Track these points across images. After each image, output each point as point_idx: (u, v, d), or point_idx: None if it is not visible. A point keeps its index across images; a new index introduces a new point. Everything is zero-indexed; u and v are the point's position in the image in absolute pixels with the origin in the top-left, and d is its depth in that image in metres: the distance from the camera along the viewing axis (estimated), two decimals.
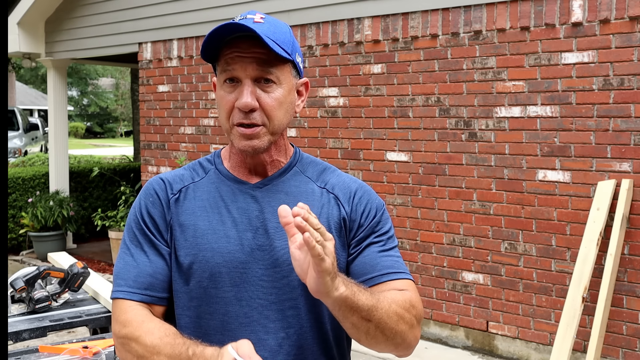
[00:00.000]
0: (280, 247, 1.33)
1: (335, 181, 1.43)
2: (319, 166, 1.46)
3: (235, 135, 1.33)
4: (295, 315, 1.33)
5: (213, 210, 1.36)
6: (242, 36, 1.30)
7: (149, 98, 6.84)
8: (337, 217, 1.39)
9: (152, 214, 1.37)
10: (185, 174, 1.43)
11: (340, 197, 1.41)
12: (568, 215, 4.20)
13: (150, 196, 1.39)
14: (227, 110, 1.33)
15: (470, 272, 4.64)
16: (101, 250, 7.95)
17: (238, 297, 1.31)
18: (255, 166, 1.39)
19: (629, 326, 4.00)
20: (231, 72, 1.31)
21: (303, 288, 1.31)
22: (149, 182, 1.43)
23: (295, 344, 1.32)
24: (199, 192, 1.38)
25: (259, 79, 1.31)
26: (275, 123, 1.33)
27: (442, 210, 4.78)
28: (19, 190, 7.96)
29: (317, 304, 1.34)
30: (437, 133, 4.77)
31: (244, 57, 1.29)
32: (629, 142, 3.97)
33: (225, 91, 1.33)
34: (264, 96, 1.31)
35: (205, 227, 1.34)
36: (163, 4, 6.52)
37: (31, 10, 7.54)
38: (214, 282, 1.31)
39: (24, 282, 2.85)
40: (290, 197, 1.38)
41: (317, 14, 5.37)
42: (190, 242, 1.33)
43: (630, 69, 3.94)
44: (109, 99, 36.90)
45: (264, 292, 1.31)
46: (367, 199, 1.42)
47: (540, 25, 4.27)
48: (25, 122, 19.77)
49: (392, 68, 4.98)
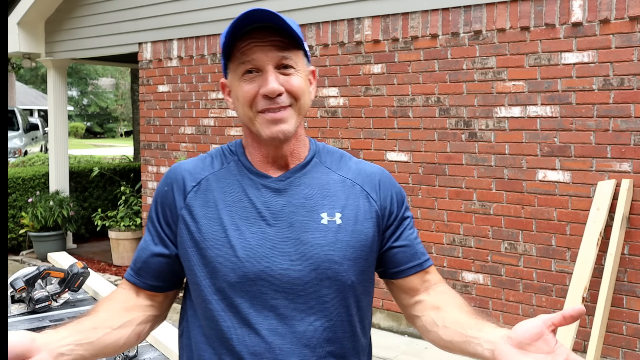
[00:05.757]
0: (306, 240, 1.32)
1: (356, 169, 1.44)
2: (335, 155, 1.46)
3: (262, 123, 1.32)
4: (322, 308, 1.32)
5: (236, 204, 1.35)
6: (256, 27, 1.31)
7: (149, 98, 6.84)
8: (367, 208, 1.38)
9: (164, 205, 1.39)
10: (207, 162, 1.42)
11: (366, 187, 1.41)
12: (568, 215, 4.20)
13: (166, 185, 1.41)
14: (249, 99, 1.32)
15: (470, 272, 4.64)
16: (101, 250, 7.95)
17: (263, 291, 1.30)
18: (277, 159, 1.38)
19: (629, 326, 4.00)
20: (251, 62, 1.31)
21: (330, 280, 1.31)
22: (169, 171, 1.44)
23: (322, 336, 1.32)
24: (221, 184, 1.38)
25: (279, 65, 1.32)
26: (302, 103, 1.34)
27: (442, 210, 4.78)
28: (19, 190, 7.96)
29: (345, 296, 1.34)
30: (437, 133, 4.77)
31: (262, 46, 1.31)
32: (629, 142, 3.97)
33: (245, 82, 1.32)
34: (287, 79, 1.32)
35: (229, 221, 1.33)
36: (163, 4, 6.52)
37: (31, 10, 7.55)
38: (238, 277, 1.31)
39: (24, 282, 2.85)
40: (314, 189, 1.37)
41: (317, 14, 5.37)
42: (214, 236, 1.33)
43: (630, 69, 3.94)
44: (109, 99, 36.91)
45: (289, 285, 1.31)
46: (392, 187, 1.44)
47: (540, 25, 4.27)
48: (25, 122, 19.77)
49: (392, 68, 4.98)
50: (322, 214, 1.34)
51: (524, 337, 1.10)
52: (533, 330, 1.09)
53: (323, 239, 1.32)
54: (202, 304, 1.35)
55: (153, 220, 1.41)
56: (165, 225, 1.38)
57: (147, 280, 1.41)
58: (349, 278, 1.34)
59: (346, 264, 1.33)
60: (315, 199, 1.36)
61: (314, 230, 1.33)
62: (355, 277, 1.35)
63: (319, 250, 1.31)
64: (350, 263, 1.33)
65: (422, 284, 1.43)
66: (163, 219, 1.39)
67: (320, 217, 1.34)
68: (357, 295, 1.37)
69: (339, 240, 1.33)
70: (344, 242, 1.33)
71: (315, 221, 1.33)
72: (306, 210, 1.34)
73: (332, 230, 1.33)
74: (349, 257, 1.33)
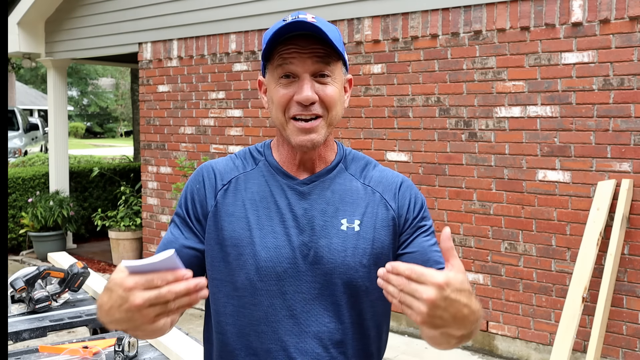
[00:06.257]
0: (325, 245, 1.36)
1: (378, 177, 1.46)
2: (360, 162, 1.49)
3: (293, 130, 1.35)
4: (336, 311, 1.36)
5: (262, 204, 1.39)
6: (298, 35, 1.34)
7: (149, 98, 6.84)
8: (384, 216, 1.41)
9: (195, 201, 1.42)
10: (237, 163, 1.46)
11: (385, 196, 1.43)
12: (568, 215, 4.20)
13: (197, 182, 1.44)
14: (283, 104, 1.35)
15: (470, 272, 4.64)
16: (101, 250, 7.95)
17: (282, 291, 1.34)
18: (304, 162, 1.41)
19: (629, 326, 4.00)
20: (289, 67, 1.34)
21: (345, 286, 1.36)
22: (200, 168, 1.47)
23: (335, 338, 1.36)
24: (249, 184, 1.42)
25: (316, 74, 1.35)
26: (333, 114, 1.37)
27: (442, 210, 4.78)
28: (19, 190, 7.96)
29: (359, 301, 1.38)
30: (437, 133, 4.77)
31: (302, 54, 1.34)
32: (629, 142, 3.97)
33: (281, 86, 1.35)
34: (322, 88, 1.35)
35: (254, 220, 1.37)
36: (163, 4, 6.52)
37: (31, 10, 7.55)
38: (260, 275, 1.34)
39: (24, 282, 2.85)
40: (337, 195, 1.41)
41: (317, 14, 5.33)
42: (239, 234, 1.36)
43: (630, 69, 3.94)
44: (109, 99, 36.91)
45: (307, 287, 1.35)
46: (411, 194, 1.46)
47: (540, 25, 4.27)
48: (25, 122, 19.77)
49: (392, 68, 4.98)
50: (342, 220, 1.38)
51: None
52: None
53: (341, 244, 1.36)
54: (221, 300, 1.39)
55: (183, 215, 1.43)
56: (195, 221, 1.41)
57: None
58: (364, 284, 1.37)
59: (361, 270, 1.36)
60: (336, 204, 1.40)
61: (332, 236, 1.37)
62: (370, 283, 1.37)
63: (336, 256, 1.35)
64: (365, 270, 1.37)
65: None
66: (193, 214, 1.41)
67: (340, 223, 1.38)
68: (372, 301, 1.40)
69: (356, 247, 1.37)
70: (360, 249, 1.37)
71: (335, 227, 1.37)
72: (327, 215, 1.38)
73: (350, 236, 1.37)
74: (364, 263, 1.37)
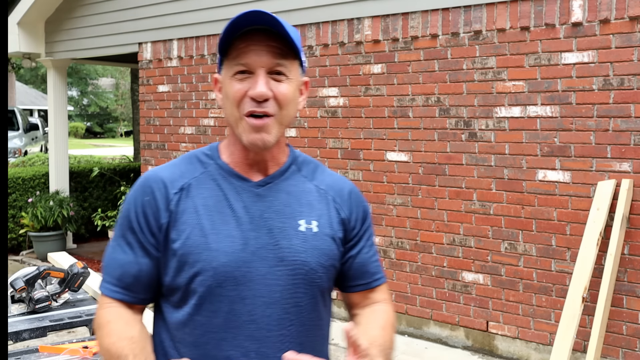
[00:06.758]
0: (285, 246, 1.34)
1: (329, 181, 1.46)
2: (311, 165, 1.48)
3: (245, 128, 1.32)
4: (297, 313, 1.34)
5: (216, 209, 1.35)
6: (255, 29, 1.31)
7: (149, 98, 6.84)
8: (337, 219, 1.42)
9: (147, 215, 1.35)
10: (184, 169, 1.40)
11: (337, 200, 1.44)
12: (568, 215, 4.20)
13: (146, 195, 1.37)
14: (237, 99, 1.32)
15: (470, 272, 4.64)
16: (101, 251, 7.93)
17: (242, 296, 1.31)
18: (257, 163, 1.39)
19: (629, 326, 4.00)
20: (244, 63, 1.31)
21: (305, 286, 1.35)
22: (146, 179, 1.39)
23: (296, 340, 1.34)
24: (201, 190, 1.37)
25: (271, 70, 1.32)
26: (285, 114, 1.34)
27: (442, 210, 4.78)
28: (19, 190, 7.96)
29: (317, 302, 1.38)
30: (437, 133, 4.77)
31: (258, 49, 1.30)
32: (629, 142, 3.97)
33: (236, 81, 1.32)
34: (276, 86, 1.32)
35: (209, 226, 1.33)
36: (163, 4, 6.52)
37: (31, 10, 7.54)
38: (218, 282, 1.31)
39: (24, 282, 2.85)
40: (292, 196, 1.39)
41: (317, 14, 5.36)
42: (194, 241, 1.32)
43: (630, 69, 3.94)
44: (109, 99, 36.92)
45: (267, 290, 1.32)
46: (358, 202, 1.48)
47: (540, 25, 4.27)
48: (25, 122, 19.77)
49: (392, 68, 4.98)
50: (300, 221, 1.37)
51: None
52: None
53: (301, 245, 1.35)
54: (178, 309, 1.34)
55: (135, 231, 1.36)
56: (149, 235, 1.35)
57: (139, 295, 1.38)
58: (323, 284, 1.38)
59: (320, 270, 1.37)
60: (293, 206, 1.38)
61: (292, 237, 1.35)
62: (327, 284, 1.40)
63: (296, 257, 1.34)
64: (324, 270, 1.37)
65: (364, 300, 1.48)
66: (147, 228, 1.35)
67: (298, 224, 1.37)
68: (326, 301, 1.42)
69: (315, 248, 1.36)
70: (319, 250, 1.37)
71: (294, 228, 1.36)
72: (285, 216, 1.37)
73: (309, 237, 1.36)
74: (323, 264, 1.37)
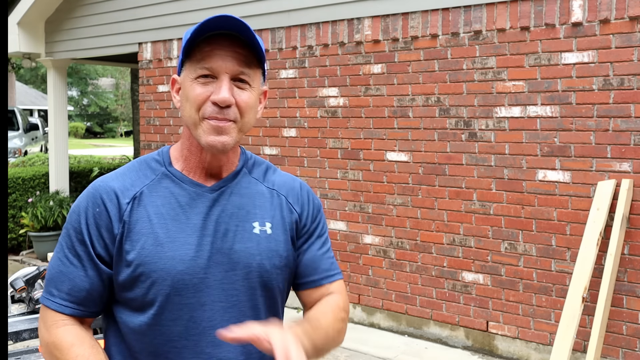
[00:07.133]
0: (240, 249, 1.34)
1: (280, 181, 1.47)
2: (262, 166, 1.48)
3: (205, 129, 1.30)
4: (255, 315, 1.35)
5: (170, 216, 1.32)
6: (222, 34, 1.30)
7: (149, 98, 6.84)
8: (290, 219, 1.42)
9: (99, 227, 1.31)
10: (135, 178, 1.37)
11: (289, 199, 1.45)
12: (568, 215, 4.20)
13: (97, 206, 1.32)
14: (198, 103, 1.30)
15: (470, 272, 4.64)
16: None
17: (201, 302, 1.30)
18: (212, 167, 1.38)
19: (629, 326, 4.00)
20: (209, 67, 1.30)
21: (262, 289, 1.35)
22: (95, 189, 1.35)
23: None
24: (153, 197, 1.34)
25: (235, 77, 1.31)
26: (246, 121, 1.34)
27: (442, 210, 4.78)
28: (19, 190, 7.96)
29: (275, 303, 1.40)
30: (437, 133, 4.77)
31: (224, 54, 1.29)
32: (629, 142, 3.97)
33: (199, 84, 1.31)
34: (239, 93, 1.31)
35: (163, 234, 1.30)
36: (163, 4, 6.52)
37: (31, 10, 7.54)
38: (176, 290, 1.29)
39: (24, 282, 2.85)
40: (245, 199, 1.39)
41: (317, 14, 5.36)
42: (149, 251, 1.29)
43: (630, 69, 3.94)
44: (109, 99, 36.92)
45: (225, 294, 1.32)
46: (311, 200, 1.48)
47: (540, 25, 4.27)
48: (25, 122, 19.76)
49: (392, 68, 4.98)
50: (254, 223, 1.37)
51: None
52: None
53: (255, 248, 1.35)
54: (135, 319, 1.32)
55: (85, 243, 1.31)
56: (101, 248, 1.31)
57: (90, 308, 1.34)
58: (278, 286, 1.39)
59: (275, 272, 1.37)
60: (247, 208, 1.38)
61: (246, 240, 1.35)
62: (283, 285, 1.41)
63: (251, 260, 1.34)
64: (279, 271, 1.38)
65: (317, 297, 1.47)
66: (98, 241, 1.31)
67: (253, 227, 1.37)
68: (282, 302, 1.43)
69: (270, 249, 1.36)
70: (274, 251, 1.37)
71: (248, 230, 1.36)
72: (239, 219, 1.36)
73: (263, 239, 1.36)
74: (277, 265, 1.37)
